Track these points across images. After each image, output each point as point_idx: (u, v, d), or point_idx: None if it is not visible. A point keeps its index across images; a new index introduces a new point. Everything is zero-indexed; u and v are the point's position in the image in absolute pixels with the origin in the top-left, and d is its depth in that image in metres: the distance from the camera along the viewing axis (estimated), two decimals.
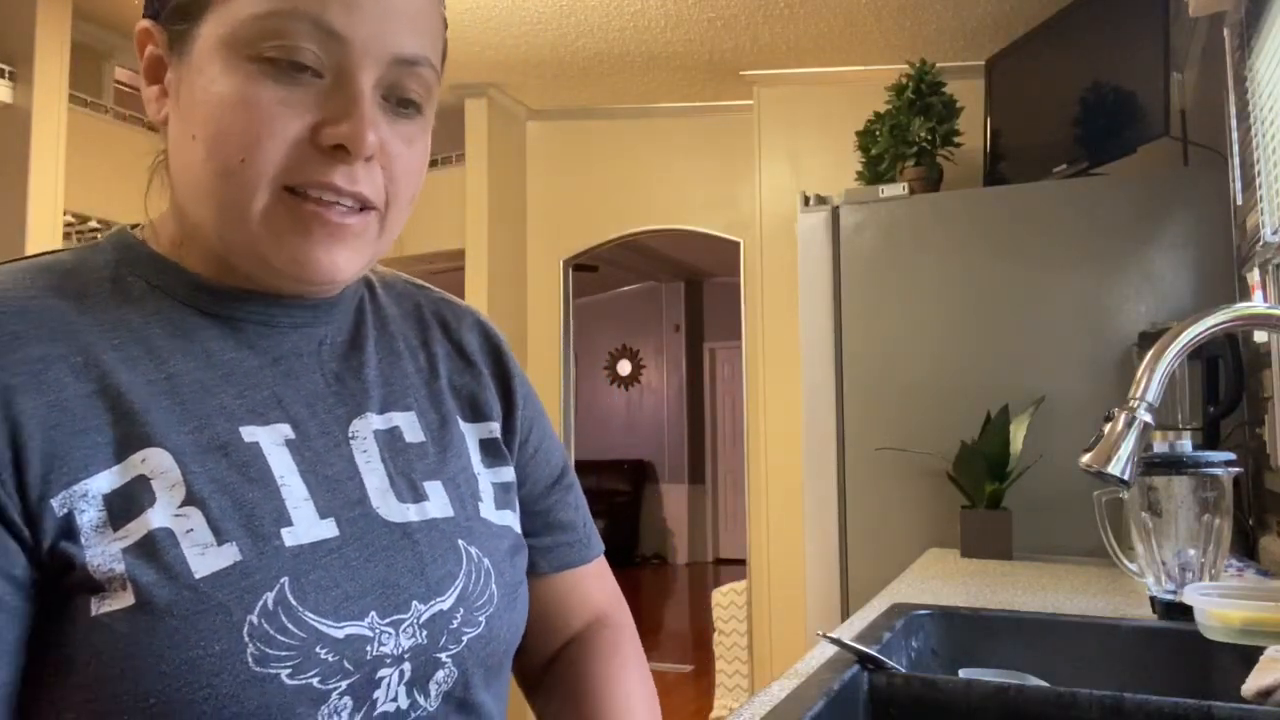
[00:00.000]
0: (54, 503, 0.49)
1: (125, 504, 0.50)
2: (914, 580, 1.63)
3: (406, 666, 0.56)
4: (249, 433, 0.56)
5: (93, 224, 3.06)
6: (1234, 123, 1.84)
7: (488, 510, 0.65)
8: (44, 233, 2.65)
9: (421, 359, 0.68)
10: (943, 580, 1.62)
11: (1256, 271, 1.67)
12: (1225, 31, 1.87)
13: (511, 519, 0.67)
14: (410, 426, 0.64)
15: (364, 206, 0.57)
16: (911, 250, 2.32)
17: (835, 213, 2.41)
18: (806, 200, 2.52)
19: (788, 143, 3.46)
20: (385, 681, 0.54)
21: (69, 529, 0.49)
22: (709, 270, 8.37)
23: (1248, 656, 0.92)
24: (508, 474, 0.69)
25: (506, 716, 0.67)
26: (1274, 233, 1.54)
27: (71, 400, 0.51)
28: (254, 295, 0.59)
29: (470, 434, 0.68)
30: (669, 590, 7.52)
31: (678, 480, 8.68)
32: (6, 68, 2.64)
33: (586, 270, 6.42)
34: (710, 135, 3.77)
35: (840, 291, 2.39)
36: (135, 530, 0.50)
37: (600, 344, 8.93)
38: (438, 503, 0.61)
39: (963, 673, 1.11)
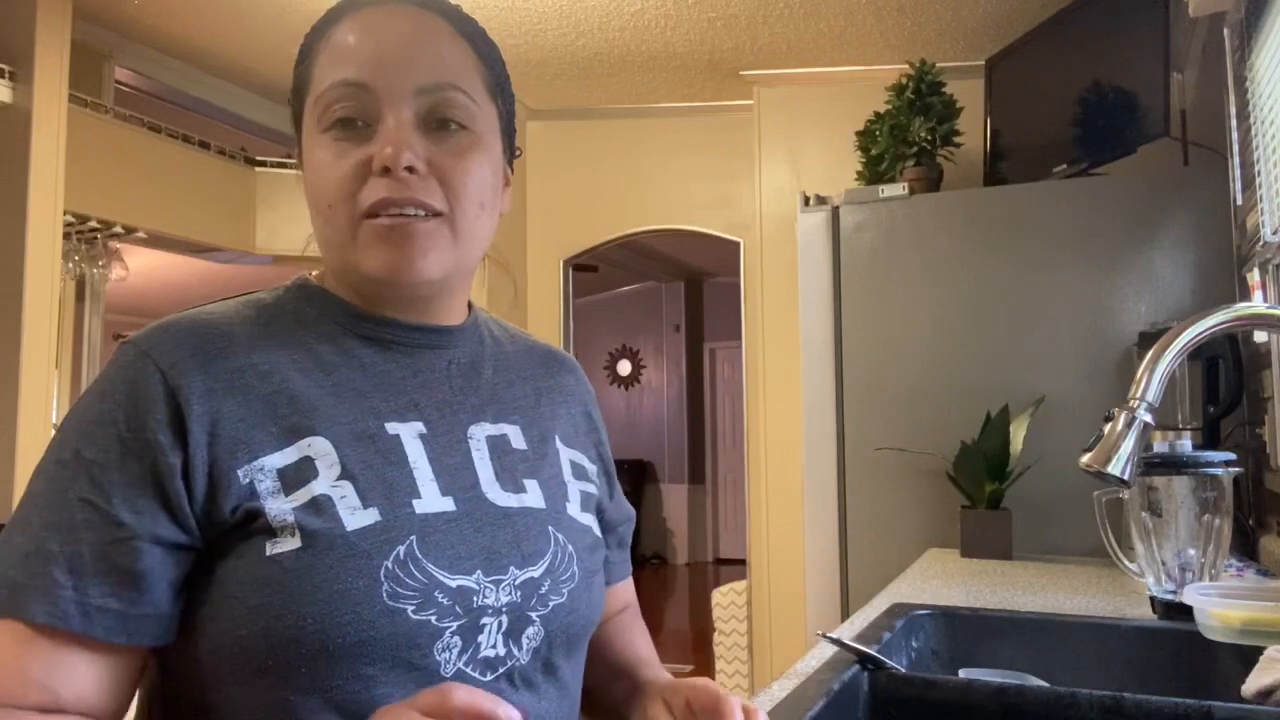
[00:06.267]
0: (239, 473, 0.65)
1: (295, 475, 0.66)
2: (914, 580, 1.63)
3: (504, 619, 0.68)
4: (392, 427, 0.71)
5: (93, 224, 3.05)
6: (1234, 123, 1.84)
7: (574, 510, 0.79)
8: (44, 233, 2.66)
9: (529, 389, 0.83)
10: (943, 580, 1.62)
11: (1256, 271, 1.67)
12: (1225, 31, 1.87)
13: (592, 522, 0.82)
14: (515, 436, 0.78)
15: (429, 214, 0.70)
16: (911, 250, 2.32)
17: (835, 213, 2.41)
18: (806, 200, 2.52)
19: (788, 143, 3.46)
20: (487, 628, 0.67)
21: (252, 492, 0.64)
22: (709, 270, 8.36)
23: (1248, 656, 0.92)
24: (591, 488, 0.84)
25: (579, 695, 0.79)
26: (1274, 233, 1.54)
27: (256, 399, 0.67)
28: (396, 322, 0.75)
29: (564, 453, 0.83)
30: (669, 590, 7.52)
31: (678, 480, 8.67)
32: (6, 68, 2.64)
33: (586, 270, 6.42)
34: (710, 135, 3.77)
35: (840, 291, 2.39)
36: (303, 495, 0.65)
37: (600, 344, 8.93)
38: (533, 496, 0.75)
39: (963, 673, 1.11)
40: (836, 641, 1.00)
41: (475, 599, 0.67)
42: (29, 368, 2.59)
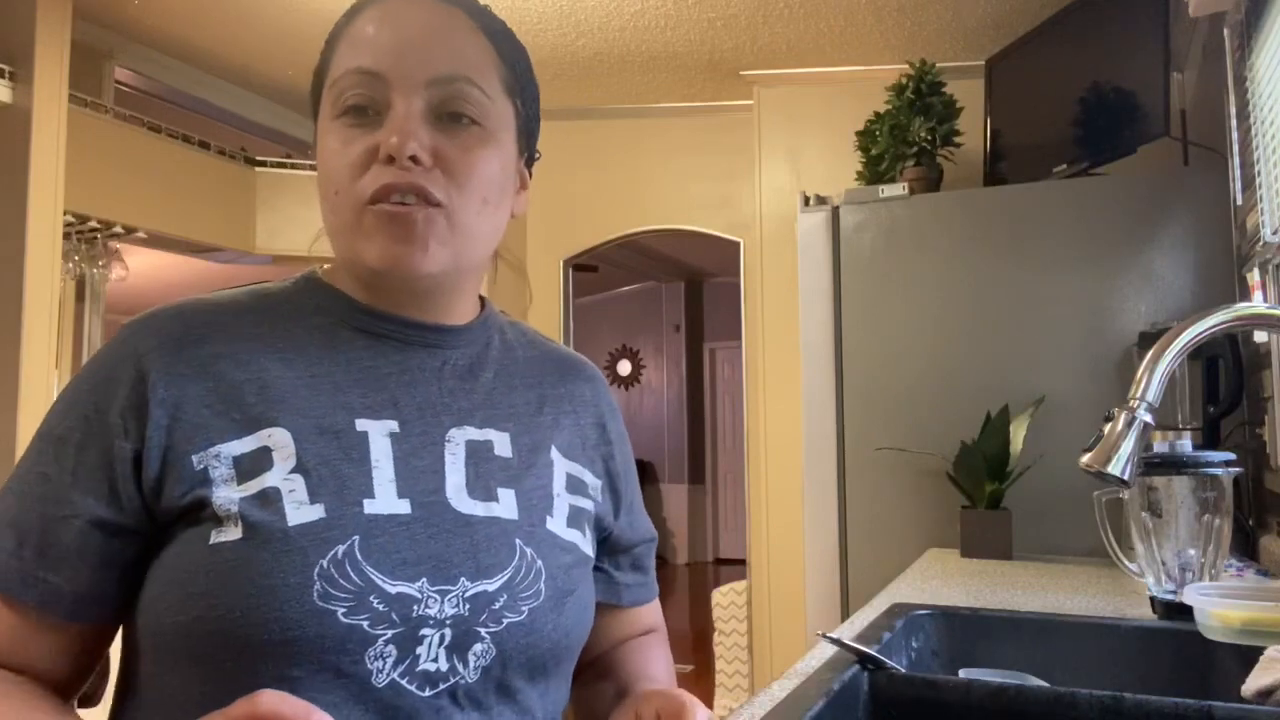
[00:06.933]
0: (194, 459, 0.65)
1: (251, 465, 0.65)
2: (914, 580, 1.63)
3: (447, 632, 0.65)
4: (362, 424, 0.69)
5: (93, 224, 3.05)
6: (1234, 123, 1.84)
7: (556, 525, 0.74)
8: (44, 233, 2.65)
9: (532, 395, 0.80)
10: (943, 580, 1.62)
11: (1256, 271, 1.67)
12: (1225, 31, 1.87)
13: (580, 539, 0.77)
14: (502, 443, 0.75)
15: (429, 204, 0.68)
16: (911, 250, 2.32)
17: (835, 213, 2.41)
18: (806, 200, 2.52)
19: (788, 143, 3.45)
20: (427, 641, 0.64)
21: (204, 479, 0.64)
22: (709, 270, 8.36)
23: (1248, 656, 0.92)
24: (586, 504, 0.79)
25: None
26: (1274, 233, 1.54)
27: (226, 386, 0.67)
28: (395, 318, 0.74)
29: (559, 464, 0.78)
30: (669, 590, 7.52)
31: (678, 480, 8.67)
32: (6, 68, 2.63)
33: (586, 270, 6.41)
34: (710, 135, 3.77)
35: (840, 291, 2.39)
36: (254, 486, 0.64)
37: (600, 344, 8.93)
38: (506, 506, 0.72)
39: (963, 673, 1.11)
40: (836, 641, 1.00)
41: (415, 608, 0.64)
42: (29, 368, 2.59)
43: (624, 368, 8.97)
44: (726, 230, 3.76)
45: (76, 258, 3.15)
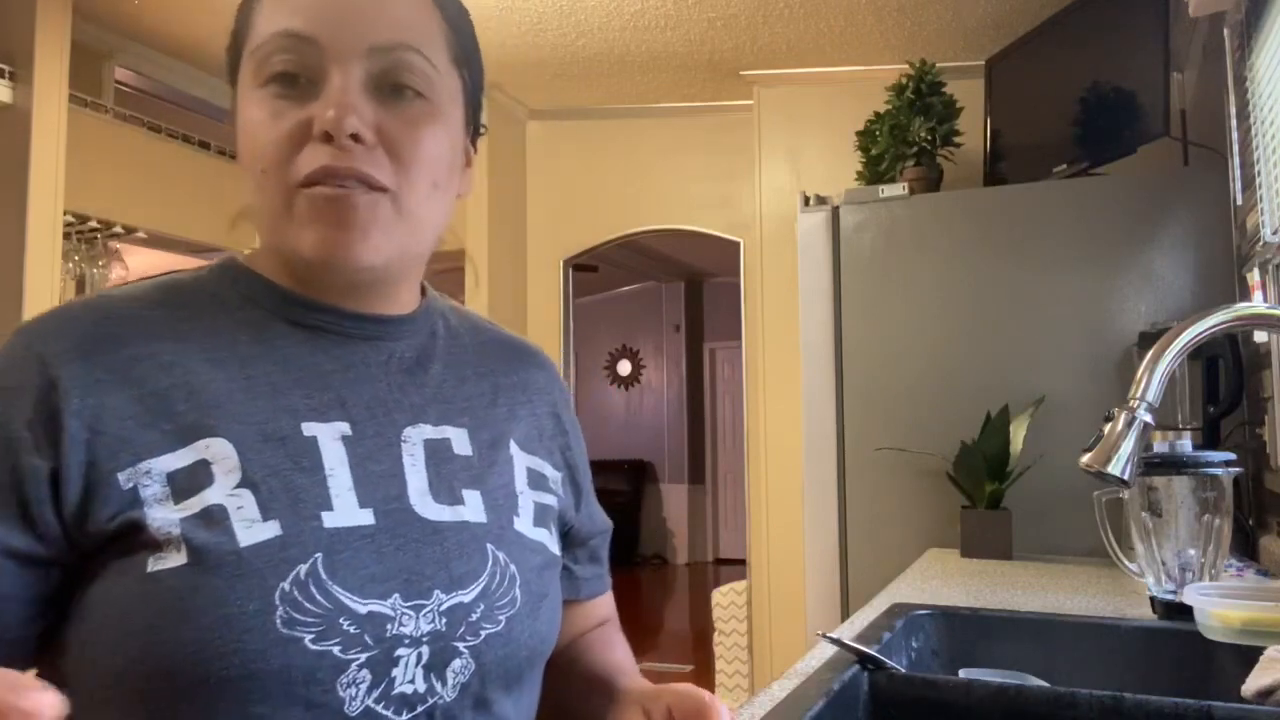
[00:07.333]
0: (121, 477, 0.57)
1: (187, 481, 0.58)
2: (914, 580, 1.63)
3: (424, 650, 0.60)
4: (309, 428, 0.62)
5: (92, 224, 3.05)
6: (1234, 123, 1.84)
7: (523, 525, 0.70)
8: (44, 233, 2.65)
9: (485, 386, 0.74)
10: (943, 580, 1.62)
11: (1256, 271, 1.67)
12: (1225, 31, 1.87)
13: (547, 538, 0.72)
14: (460, 440, 0.69)
15: (372, 188, 0.62)
16: (911, 250, 2.32)
17: (835, 213, 2.41)
18: (806, 200, 2.52)
19: (788, 143, 3.45)
20: (403, 661, 0.59)
21: (135, 499, 0.57)
22: (709, 270, 8.36)
23: (1248, 656, 0.92)
24: (549, 500, 0.75)
25: None
26: (1274, 233, 1.54)
27: (150, 394, 0.59)
28: (332, 309, 0.67)
29: (519, 459, 0.73)
30: (669, 590, 7.52)
31: (678, 480, 8.67)
32: (6, 68, 2.64)
33: (586, 270, 6.41)
34: (710, 135, 3.77)
35: (840, 291, 2.39)
36: (194, 504, 0.57)
37: (600, 344, 8.92)
38: (473, 509, 0.66)
39: (963, 673, 1.11)
40: (836, 641, 1.00)
41: (389, 627, 0.58)
42: None
43: (624, 368, 8.97)
44: (726, 230, 3.76)
45: (76, 258, 3.15)
